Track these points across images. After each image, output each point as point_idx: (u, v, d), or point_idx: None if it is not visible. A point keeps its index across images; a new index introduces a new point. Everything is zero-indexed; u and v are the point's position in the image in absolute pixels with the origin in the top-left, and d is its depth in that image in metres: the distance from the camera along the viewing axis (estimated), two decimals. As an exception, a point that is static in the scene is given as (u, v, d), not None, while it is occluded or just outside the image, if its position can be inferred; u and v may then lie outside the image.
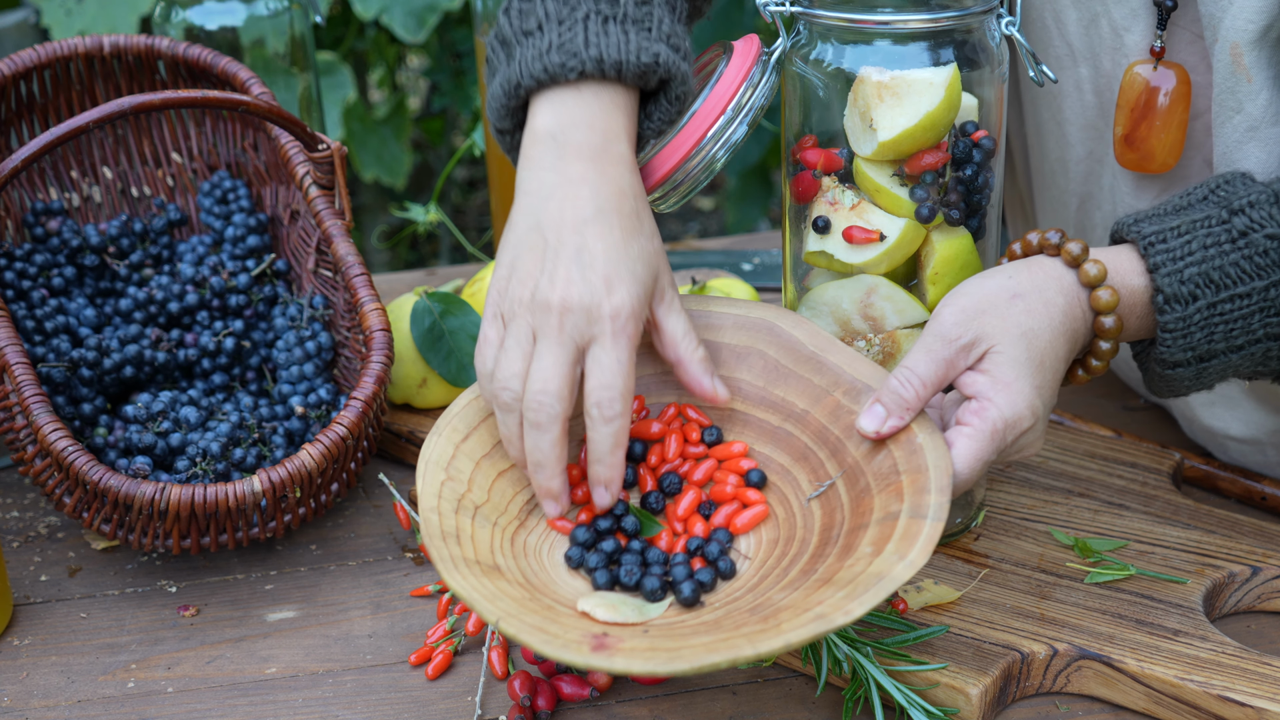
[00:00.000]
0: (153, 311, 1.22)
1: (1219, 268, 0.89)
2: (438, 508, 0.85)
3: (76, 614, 1.08)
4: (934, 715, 0.89)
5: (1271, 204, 0.89)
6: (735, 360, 0.91)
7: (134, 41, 1.26)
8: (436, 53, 2.79)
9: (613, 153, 0.90)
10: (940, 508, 0.80)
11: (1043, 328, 0.88)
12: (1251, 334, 0.89)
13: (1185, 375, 0.91)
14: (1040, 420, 0.88)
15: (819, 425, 0.88)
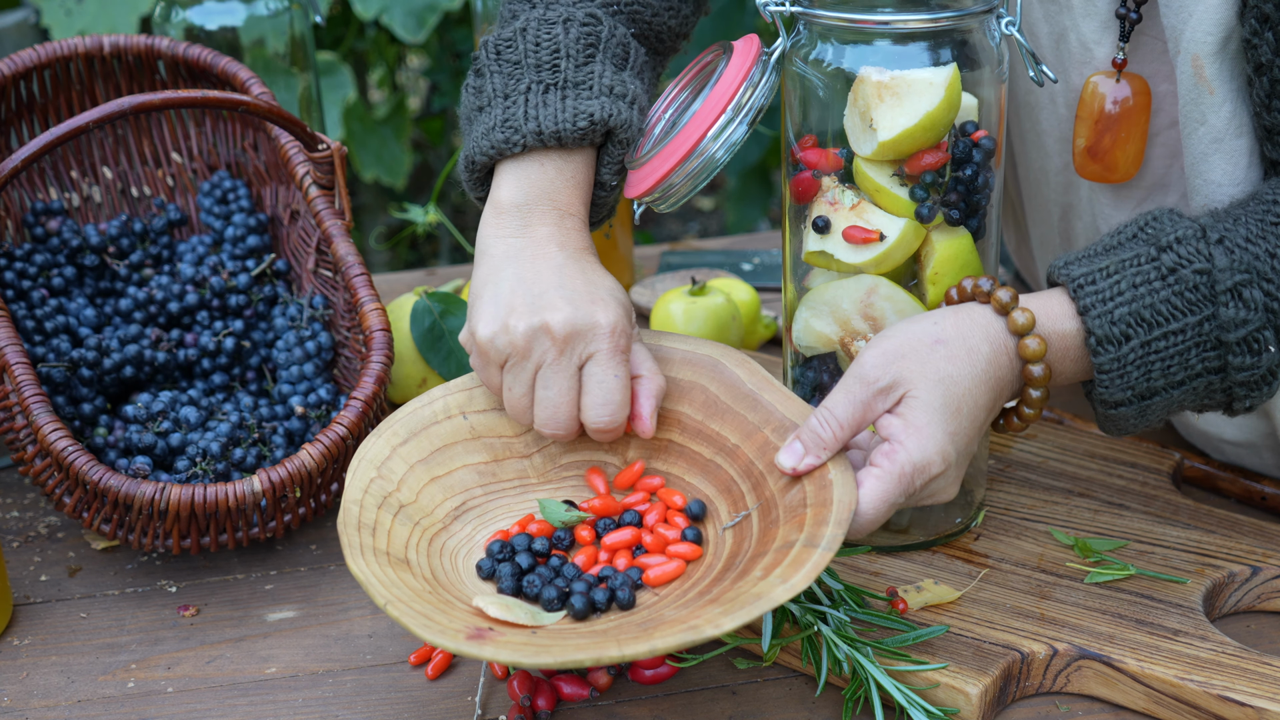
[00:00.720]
0: (153, 311, 1.22)
1: (1150, 306, 0.88)
2: (361, 500, 0.90)
3: (76, 614, 1.08)
4: (934, 715, 0.89)
5: (1198, 239, 0.89)
6: (679, 393, 0.95)
7: (134, 41, 1.26)
8: (436, 53, 2.79)
9: (570, 218, 0.98)
10: (834, 539, 0.82)
11: (963, 375, 0.88)
12: (1190, 369, 0.89)
13: (1129, 414, 0.91)
14: (953, 466, 0.88)
15: (746, 460, 0.91)
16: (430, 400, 0.98)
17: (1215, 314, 0.88)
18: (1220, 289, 0.88)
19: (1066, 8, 1.06)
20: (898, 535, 1.06)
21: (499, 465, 0.97)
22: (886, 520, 0.88)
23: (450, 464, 0.96)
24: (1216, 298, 0.88)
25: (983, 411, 0.90)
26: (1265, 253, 0.89)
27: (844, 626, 0.93)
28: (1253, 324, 0.88)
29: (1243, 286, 0.88)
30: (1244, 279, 0.88)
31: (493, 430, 0.98)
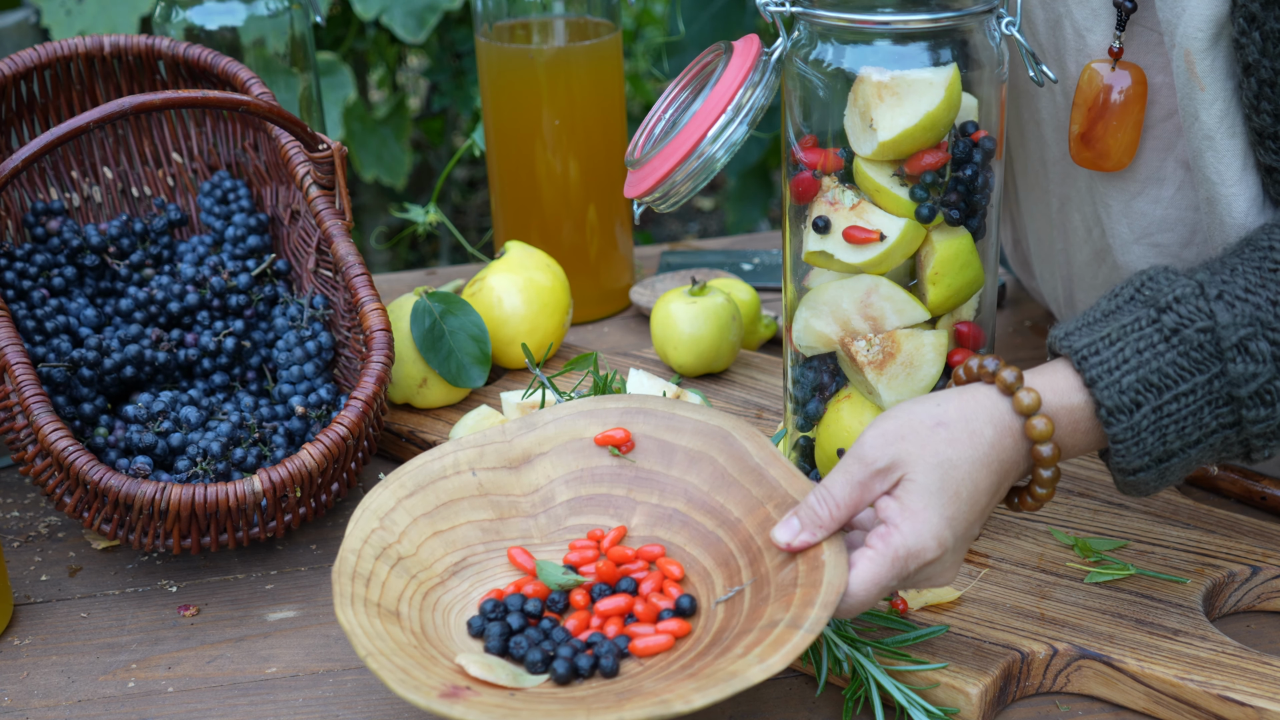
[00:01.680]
0: (153, 311, 1.22)
1: (1157, 370, 0.86)
2: (359, 550, 0.90)
3: (77, 614, 1.08)
4: (934, 715, 0.89)
5: (1198, 297, 0.87)
6: (689, 463, 0.95)
7: (134, 41, 1.26)
8: (436, 53, 2.79)
9: None
10: (817, 622, 0.82)
11: (963, 458, 0.86)
12: (1205, 427, 0.87)
13: (1149, 478, 0.89)
14: (950, 552, 0.86)
15: (746, 534, 0.91)
16: (441, 455, 0.97)
17: (1224, 371, 0.86)
18: (1226, 345, 0.86)
19: None
20: (898, 535, 1.06)
21: (503, 523, 0.97)
22: (879, 601, 0.87)
23: (454, 519, 0.96)
24: (1223, 355, 0.86)
25: (984, 495, 0.87)
26: (1267, 301, 0.86)
27: (844, 626, 0.93)
28: (1263, 376, 0.86)
29: (1248, 340, 0.86)
30: (1249, 332, 0.86)
31: (500, 488, 0.98)
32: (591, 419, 0.98)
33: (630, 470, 0.96)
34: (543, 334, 1.33)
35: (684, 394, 1.18)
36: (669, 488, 0.95)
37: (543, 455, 0.98)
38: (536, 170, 1.44)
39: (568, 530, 0.97)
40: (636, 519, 0.95)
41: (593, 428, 0.98)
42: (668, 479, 0.95)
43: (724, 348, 1.31)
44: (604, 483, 0.97)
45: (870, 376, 1.00)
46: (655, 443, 0.96)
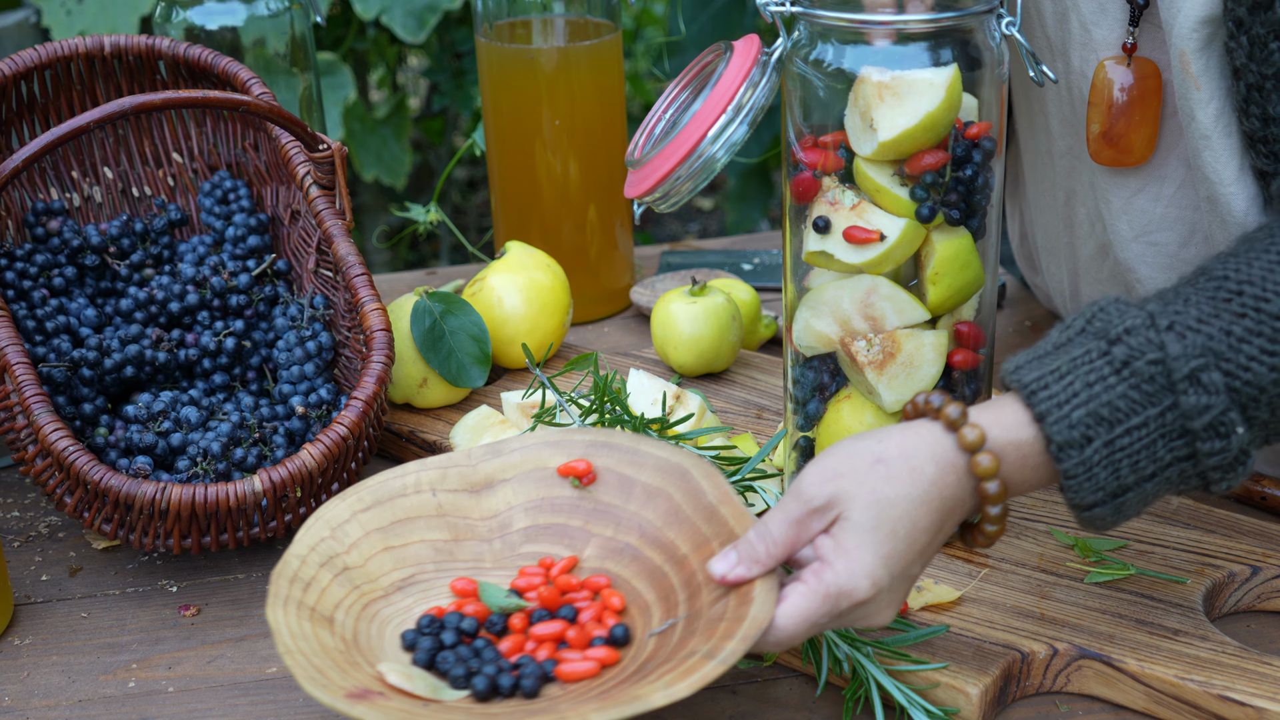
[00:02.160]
0: (153, 311, 1.22)
1: (1108, 403, 0.83)
2: (304, 556, 0.92)
3: (77, 613, 1.08)
4: (934, 715, 0.89)
5: (1148, 328, 0.84)
6: (646, 498, 0.95)
7: (135, 42, 1.26)
8: (436, 53, 2.79)
9: None
10: (732, 654, 0.81)
11: (901, 496, 0.84)
12: (1159, 461, 0.84)
13: (1104, 513, 0.87)
14: (885, 591, 0.84)
15: (690, 570, 0.91)
16: (403, 473, 0.98)
17: (1176, 403, 0.83)
18: (1177, 377, 0.83)
19: None
20: (898, 535, 1.06)
21: (457, 544, 0.97)
22: (808, 637, 0.85)
23: (408, 537, 0.96)
24: (1175, 386, 0.83)
25: (924, 534, 0.85)
26: (1220, 331, 0.84)
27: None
28: (1216, 408, 0.83)
29: (1200, 371, 0.83)
30: (1200, 364, 0.83)
31: (459, 510, 0.98)
32: (557, 449, 0.99)
33: (589, 502, 0.97)
34: (543, 334, 1.33)
35: (684, 394, 1.18)
36: (625, 521, 0.96)
37: (505, 482, 0.98)
38: (537, 170, 1.44)
39: (521, 557, 0.97)
40: (590, 550, 0.96)
41: (557, 458, 0.98)
42: (625, 513, 0.96)
43: (724, 348, 1.31)
44: (562, 513, 0.97)
45: (870, 376, 1.00)
46: (617, 476, 0.97)
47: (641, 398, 1.19)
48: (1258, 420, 0.85)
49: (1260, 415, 0.85)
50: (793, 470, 1.10)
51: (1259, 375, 0.84)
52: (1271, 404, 0.85)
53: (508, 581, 0.95)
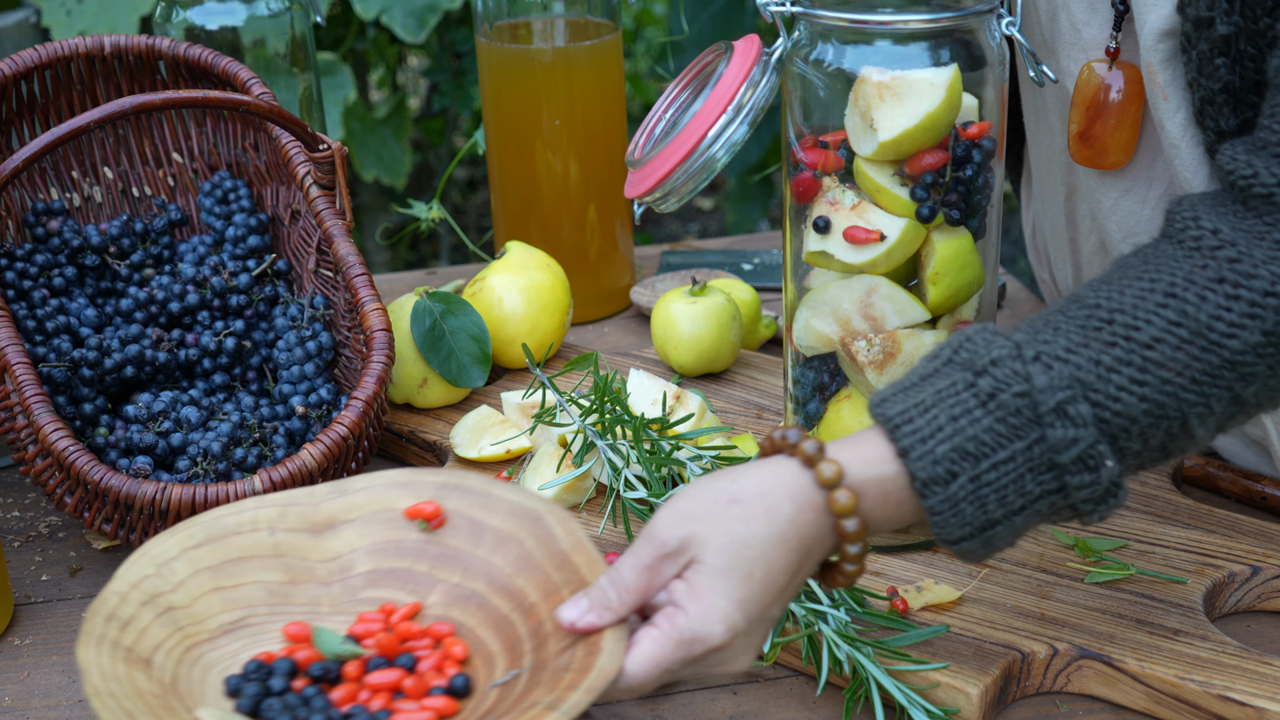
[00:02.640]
0: (153, 311, 1.22)
1: (973, 438, 0.81)
2: (124, 594, 0.87)
3: (77, 614, 1.08)
4: (934, 715, 0.89)
5: (1015, 359, 0.82)
6: (496, 543, 0.92)
7: (135, 42, 1.26)
8: (436, 53, 2.79)
9: None
10: (575, 705, 0.79)
11: (757, 536, 0.80)
12: (1027, 494, 0.82)
13: (973, 547, 0.83)
14: (741, 635, 0.80)
15: (538, 619, 0.88)
16: (239, 510, 0.93)
17: (1043, 436, 0.81)
18: (1044, 410, 0.80)
19: None
20: (898, 535, 1.06)
21: (294, 587, 0.93)
22: (662, 684, 0.82)
23: (240, 577, 0.92)
24: (1041, 420, 0.81)
25: (782, 575, 0.81)
26: (1089, 361, 0.82)
27: (844, 626, 0.93)
28: (1084, 441, 0.81)
29: (1067, 404, 0.80)
30: (1067, 396, 0.81)
31: (297, 551, 0.93)
32: (405, 490, 0.94)
33: (436, 546, 0.93)
34: (543, 334, 1.33)
35: (684, 394, 1.19)
36: (473, 567, 0.92)
37: (349, 523, 0.94)
38: (537, 170, 1.44)
39: (361, 602, 0.92)
40: (434, 596, 0.92)
41: (405, 499, 0.94)
42: (473, 558, 0.92)
43: (724, 348, 1.31)
44: (407, 557, 0.93)
45: (871, 377, 1.00)
46: (467, 520, 0.93)
47: (641, 398, 1.19)
48: (1129, 451, 0.83)
49: (1131, 446, 0.83)
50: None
51: (1129, 405, 0.82)
52: (1143, 434, 0.82)
53: (345, 627, 0.91)
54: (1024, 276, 2.90)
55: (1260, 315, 0.82)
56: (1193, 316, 0.83)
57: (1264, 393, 0.85)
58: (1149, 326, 0.83)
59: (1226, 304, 0.83)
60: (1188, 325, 0.83)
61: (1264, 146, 0.85)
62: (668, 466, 1.06)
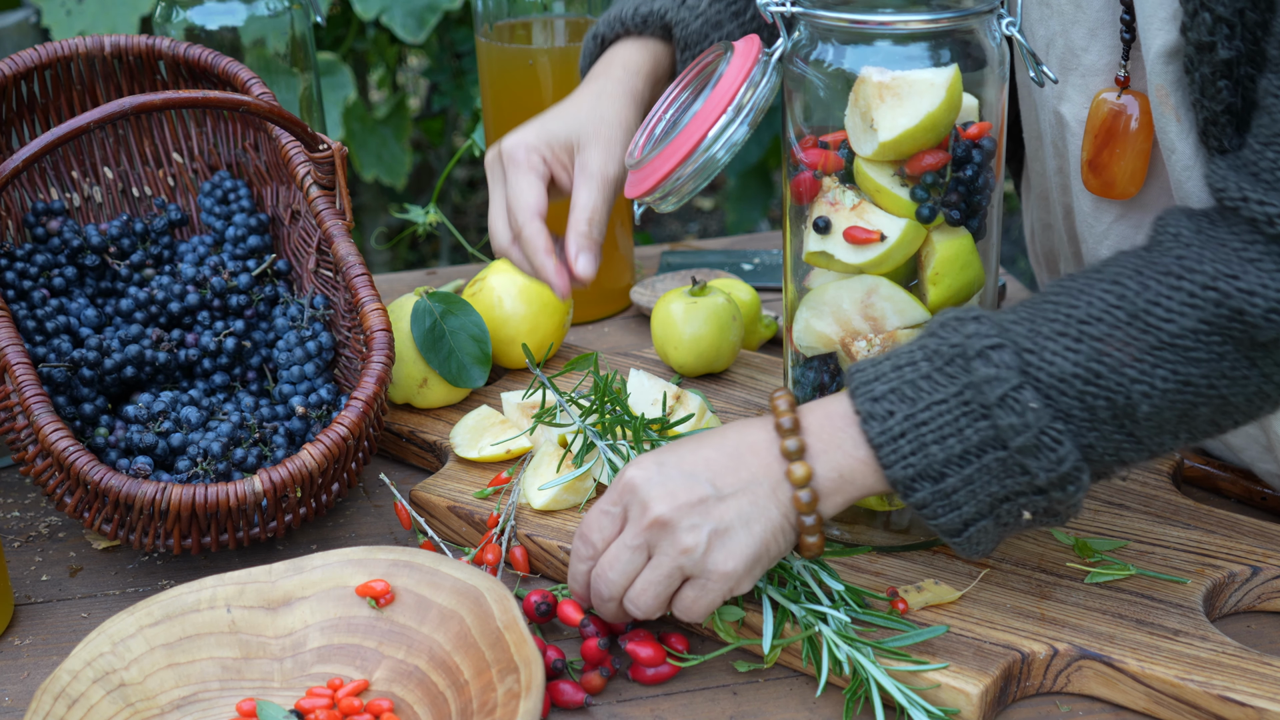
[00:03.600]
0: (153, 311, 1.22)
1: (910, 382, 0.89)
2: (77, 672, 0.92)
3: (77, 614, 1.08)
4: (935, 715, 0.89)
5: (957, 321, 0.90)
6: (440, 620, 0.96)
7: (135, 42, 1.26)
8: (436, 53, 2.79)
9: (613, 73, 1.13)
10: None
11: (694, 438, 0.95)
12: (966, 440, 0.88)
13: (928, 500, 0.89)
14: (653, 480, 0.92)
15: (469, 697, 0.91)
16: (199, 588, 0.98)
17: (972, 379, 0.87)
18: (971, 353, 0.88)
19: (1057, 13, 1.06)
20: (898, 535, 1.06)
21: (247, 663, 0.96)
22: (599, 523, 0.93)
23: (195, 653, 0.96)
24: (970, 364, 0.88)
25: (706, 445, 0.93)
26: (1028, 331, 0.88)
27: (845, 627, 0.93)
28: (1008, 381, 0.87)
29: (992, 349, 0.87)
30: (993, 342, 0.88)
31: (253, 628, 0.97)
32: (359, 568, 0.99)
33: (385, 623, 0.97)
34: (543, 334, 1.33)
35: (684, 394, 1.18)
36: (417, 644, 0.96)
37: (304, 600, 0.98)
38: (537, 170, 1.44)
39: (311, 677, 0.96)
40: (380, 672, 0.96)
41: (358, 576, 0.99)
42: (418, 635, 0.96)
43: (724, 348, 1.31)
44: (358, 633, 0.97)
45: (871, 377, 1.00)
46: (415, 597, 0.97)
47: (641, 398, 1.19)
48: (1074, 418, 0.87)
49: (1075, 412, 0.87)
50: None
51: (1060, 367, 0.87)
52: (1083, 399, 0.87)
53: (294, 701, 0.94)
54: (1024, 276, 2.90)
55: (1199, 305, 0.87)
56: (1131, 300, 0.88)
57: (1222, 382, 0.88)
58: (1088, 306, 0.89)
59: (1168, 292, 0.87)
60: (1126, 308, 0.88)
61: (1244, 164, 0.89)
62: (668, 467, 1.06)
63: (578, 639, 1.01)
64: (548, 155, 1.07)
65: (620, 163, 1.07)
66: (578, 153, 1.07)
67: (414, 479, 1.24)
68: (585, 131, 1.07)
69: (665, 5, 1.15)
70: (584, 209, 1.05)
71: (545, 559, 1.08)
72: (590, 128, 1.08)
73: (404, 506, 1.12)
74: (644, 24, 1.15)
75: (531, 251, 1.05)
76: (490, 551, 1.07)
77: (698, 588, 0.91)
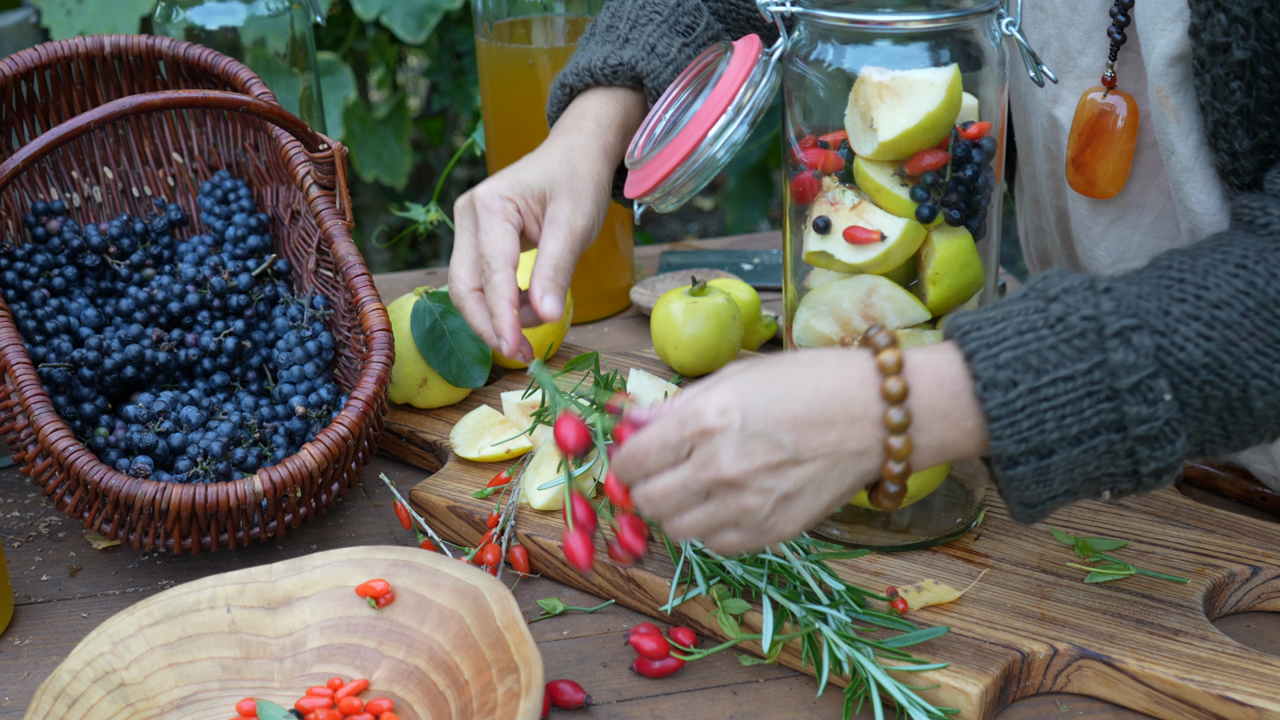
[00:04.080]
0: (153, 311, 1.22)
1: (1036, 351, 0.83)
2: (77, 672, 0.91)
3: (77, 614, 1.08)
4: (934, 715, 0.89)
5: (1086, 289, 0.85)
6: (440, 620, 0.96)
7: (135, 42, 1.26)
8: (436, 53, 2.79)
9: (584, 125, 1.12)
10: None
11: (787, 360, 0.85)
12: (1085, 421, 0.83)
13: (1027, 476, 0.85)
14: (734, 431, 0.82)
15: (469, 697, 0.91)
16: (199, 588, 0.97)
17: (1105, 360, 0.83)
18: (1108, 333, 0.83)
19: (1052, 16, 1.06)
20: (898, 535, 1.06)
21: (246, 663, 0.96)
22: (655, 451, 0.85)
23: (195, 653, 0.96)
24: (1105, 343, 0.83)
25: (798, 400, 0.83)
26: (1158, 309, 0.84)
27: (845, 627, 0.93)
28: (1144, 369, 0.83)
29: (1131, 331, 0.83)
30: (1132, 323, 0.83)
31: (253, 628, 0.97)
32: (359, 568, 0.99)
33: (385, 623, 0.97)
34: (543, 334, 1.33)
35: (684, 394, 1.18)
36: (417, 644, 0.96)
37: (304, 599, 0.98)
38: (537, 170, 1.44)
39: (311, 677, 0.96)
40: (380, 672, 0.96)
41: (358, 576, 0.99)
42: (418, 635, 0.96)
43: (724, 348, 1.31)
44: (358, 633, 0.97)
45: (870, 376, 1.00)
46: (415, 597, 0.97)
47: (642, 397, 1.19)
48: (1191, 407, 0.84)
49: (1193, 401, 0.84)
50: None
51: (1191, 355, 0.83)
52: (1203, 390, 0.84)
53: (294, 701, 0.94)
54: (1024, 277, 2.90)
55: None
56: (1261, 289, 0.85)
57: None
58: (1218, 290, 0.85)
59: None
60: (1255, 296, 0.85)
61: None
62: (668, 466, 1.06)
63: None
64: (521, 206, 1.05)
65: (589, 217, 1.06)
66: (549, 203, 1.06)
67: (414, 479, 1.24)
68: (558, 183, 1.06)
69: (635, 55, 1.13)
70: (551, 255, 1.04)
71: (545, 559, 1.08)
72: (563, 180, 1.06)
73: (404, 506, 1.12)
74: (614, 75, 1.13)
75: (496, 298, 1.01)
76: (490, 551, 1.08)
77: (745, 537, 0.86)
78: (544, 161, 1.08)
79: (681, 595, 1.00)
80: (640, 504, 0.88)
